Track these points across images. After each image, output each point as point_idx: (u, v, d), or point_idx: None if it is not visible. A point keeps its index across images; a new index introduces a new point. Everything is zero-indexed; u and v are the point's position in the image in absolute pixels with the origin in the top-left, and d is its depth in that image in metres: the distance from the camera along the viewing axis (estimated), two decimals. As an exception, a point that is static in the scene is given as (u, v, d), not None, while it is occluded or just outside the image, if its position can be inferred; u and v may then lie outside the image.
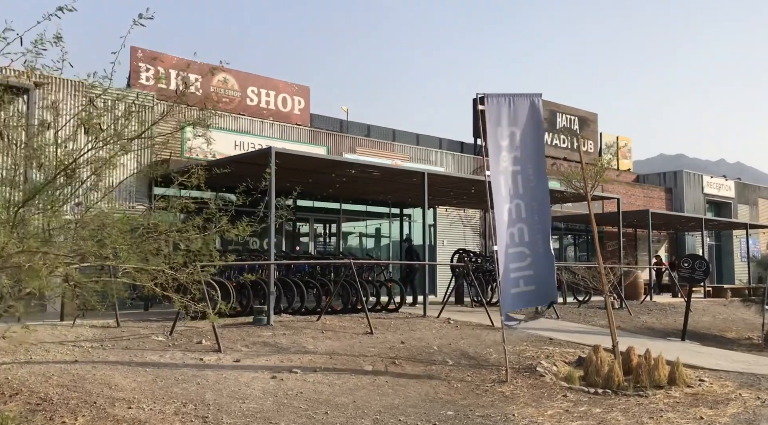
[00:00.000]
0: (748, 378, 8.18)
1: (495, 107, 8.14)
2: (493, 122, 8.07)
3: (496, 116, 8.12)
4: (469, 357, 8.70)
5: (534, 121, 8.33)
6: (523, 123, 8.27)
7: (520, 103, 8.31)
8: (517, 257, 8.16)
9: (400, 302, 12.67)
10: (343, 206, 17.40)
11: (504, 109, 8.21)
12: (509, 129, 8.21)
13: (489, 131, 8.07)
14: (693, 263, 11.58)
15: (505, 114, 8.20)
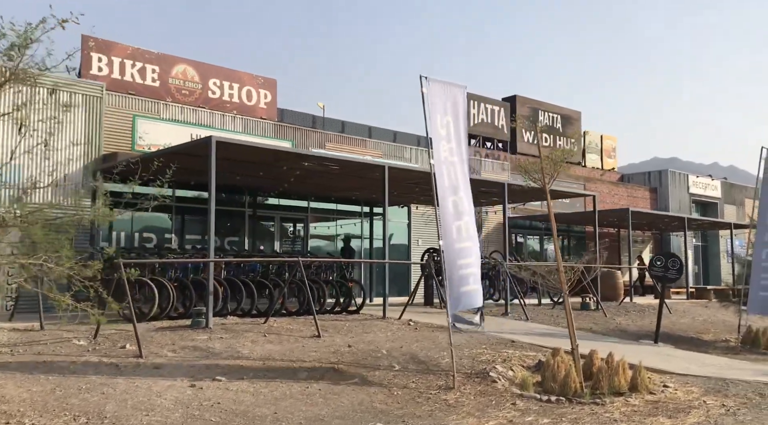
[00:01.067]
0: (715, 384, 7.58)
1: (436, 92, 7.56)
2: (434, 107, 7.49)
3: (437, 101, 7.54)
4: (419, 362, 8.07)
5: (463, 112, 7.84)
6: (456, 113, 7.75)
7: (454, 92, 7.76)
8: (465, 252, 7.56)
9: (362, 303, 12.04)
10: (311, 205, 16.76)
11: (444, 96, 7.64)
12: (446, 117, 7.65)
13: (431, 116, 7.47)
14: (666, 262, 10.98)
15: (444, 101, 7.64)
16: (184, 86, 15.24)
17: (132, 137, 13.17)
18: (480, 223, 21.53)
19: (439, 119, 7.66)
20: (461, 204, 7.78)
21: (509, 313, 13.52)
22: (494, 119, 25.21)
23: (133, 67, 14.41)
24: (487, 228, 21.77)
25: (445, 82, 7.79)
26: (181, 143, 9.90)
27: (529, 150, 26.42)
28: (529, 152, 26.47)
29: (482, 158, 22.58)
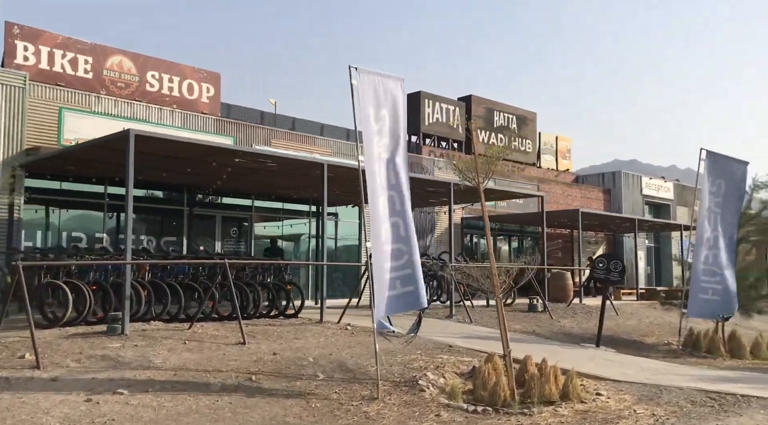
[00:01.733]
0: (650, 390, 7.36)
1: (368, 84, 7.14)
2: (365, 100, 7.07)
3: (369, 94, 7.12)
4: (347, 370, 7.67)
5: (402, 107, 7.45)
6: (392, 107, 7.35)
7: (390, 85, 7.36)
8: (394, 254, 7.18)
9: (301, 306, 11.57)
10: (255, 203, 16.21)
11: (378, 88, 7.23)
12: (381, 111, 7.23)
13: (362, 110, 7.06)
14: (608, 264, 10.82)
15: (378, 94, 7.22)
16: (120, 79, 14.53)
17: (58, 130, 12.44)
18: (433, 223, 21.28)
19: (372, 113, 7.24)
20: (393, 204, 7.38)
21: (453, 316, 13.24)
22: (449, 119, 24.98)
23: (64, 57, 13.65)
24: (440, 229, 21.52)
25: (378, 74, 7.37)
26: (98, 137, 9.28)
27: (485, 150, 26.29)
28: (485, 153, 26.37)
29: (437, 157, 22.32)
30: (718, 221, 10.32)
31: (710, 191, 10.26)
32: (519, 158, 27.80)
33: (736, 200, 10.71)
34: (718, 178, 10.40)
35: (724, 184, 10.43)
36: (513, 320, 13.51)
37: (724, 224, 10.37)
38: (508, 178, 24.72)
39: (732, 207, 10.53)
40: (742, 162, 11.01)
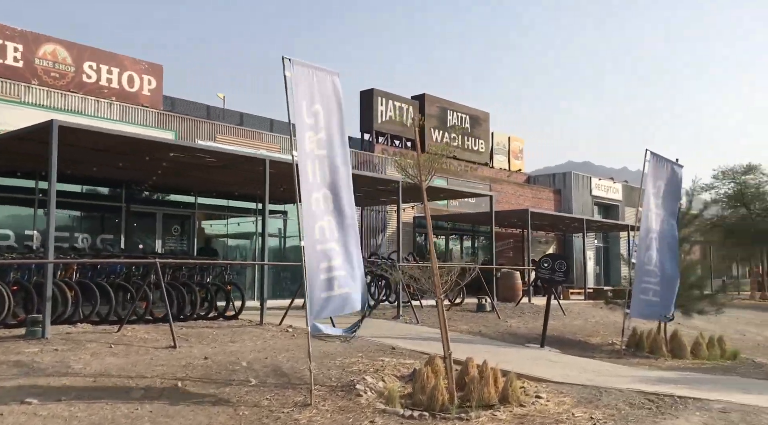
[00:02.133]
0: (590, 392, 7.27)
1: (302, 76, 6.84)
2: (299, 93, 6.76)
3: (303, 87, 6.82)
4: (281, 375, 7.34)
5: (338, 102, 7.17)
6: (328, 102, 7.07)
7: (324, 79, 7.08)
8: (329, 254, 6.89)
9: (241, 307, 11.17)
10: (199, 200, 15.68)
11: (312, 81, 6.94)
12: (315, 106, 6.94)
13: (295, 103, 6.75)
14: (553, 264, 10.78)
15: (312, 87, 6.93)
16: (54, 68, 13.82)
17: (-19, 121, 11.74)
18: (385, 222, 21.07)
19: (306, 107, 6.94)
20: (328, 202, 7.09)
21: (401, 316, 13.04)
22: (403, 117, 24.82)
23: (-8, 44, 12.90)
24: (392, 228, 21.32)
25: (313, 67, 7.08)
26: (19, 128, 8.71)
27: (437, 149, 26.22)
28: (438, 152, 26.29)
29: (390, 155, 22.12)
30: (659, 221, 10.40)
31: (651, 191, 10.33)
32: (472, 157, 27.87)
33: (674, 201, 10.83)
34: (658, 179, 10.48)
35: (664, 185, 10.52)
36: (461, 320, 13.41)
37: (665, 225, 10.45)
38: (460, 177, 24.73)
39: (671, 208, 10.64)
40: (679, 165, 11.14)
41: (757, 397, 7.04)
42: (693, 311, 11.67)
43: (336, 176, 7.10)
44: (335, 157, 7.14)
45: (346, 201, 7.23)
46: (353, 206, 7.38)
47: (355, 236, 7.31)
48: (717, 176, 30.08)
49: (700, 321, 14.19)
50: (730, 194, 29.77)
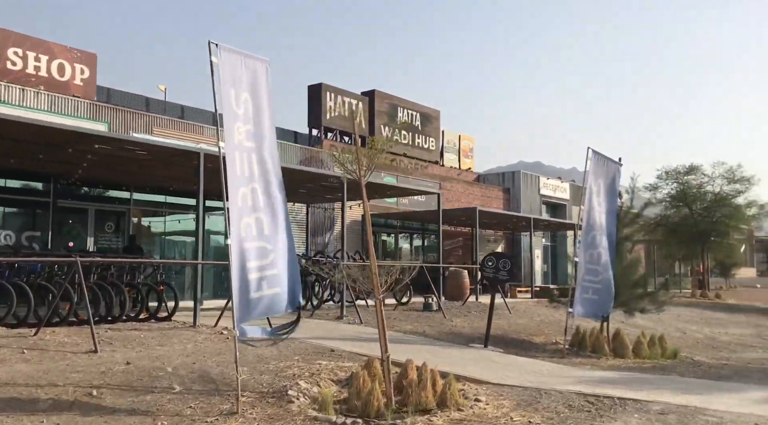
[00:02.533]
0: (530, 395, 7.10)
1: (230, 63, 6.42)
2: (226, 81, 6.35)
3: (229, 74, 6.40)
4: (209, 380, 6.91)
5: (267, 91, 6.80)
6: (258, 92, 6.68)
7: (254, 67, 6.68)
8: (257, 253, 6.49)
9: (174, 308, 10.64)
10: (135, 196, 14.98)
11: (240, 69, 6.52)
12: (243, 95, 6.54)
13: (223, 92, 6.33)
14: (497, 263, 10.63)
15: (240, 75, 6.52)
16: (-26, 53, 12.94)
17: None
18: (332, 220, 20.68)
19: (234, 96, 6.52)
20: (257, 197, 6.66)
21: (344, 317, 12.70)
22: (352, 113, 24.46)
23: None
24: (340, 225, 20.96)
25: (242, 54, 6.67)
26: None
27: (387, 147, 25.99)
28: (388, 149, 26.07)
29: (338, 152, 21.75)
30: (599, 220, 10.38)
31: (593, 190, 10.30)
32: (422, 155, 27.75)
33: (613, 199, 10.84)
34: (599, 177, 10.46)
35: (603, 183, 10.51)
36: (406, 320, 13.17)
37: (604, 223, 10.44)
38: (410, 175, 24.55)
39: (609, 207, 10.64)
40: (617, 163, 11.15)
41: (695, 397, 7.00)
42: (635, 310, 11.73)
43: (265, 169, 6.71)
44: (264, 150, 6.75)
45: (277, 197, 6.84)
46: (284, 202, 6.99)
47: (287, 233, 6.92)
48: (660, 177, 30.81)
49: (643, 319, 14.35)
50: (672, 194, 30.53)
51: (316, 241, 19.34)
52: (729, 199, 29.57)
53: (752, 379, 8.94)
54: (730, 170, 29.65)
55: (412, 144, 27.27)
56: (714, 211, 29.35)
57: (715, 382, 8.41)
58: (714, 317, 20.08)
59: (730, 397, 7.13)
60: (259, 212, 6.53)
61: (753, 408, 6.53)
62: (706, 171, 30.11)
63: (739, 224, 31.22)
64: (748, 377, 9.18)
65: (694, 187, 30.15)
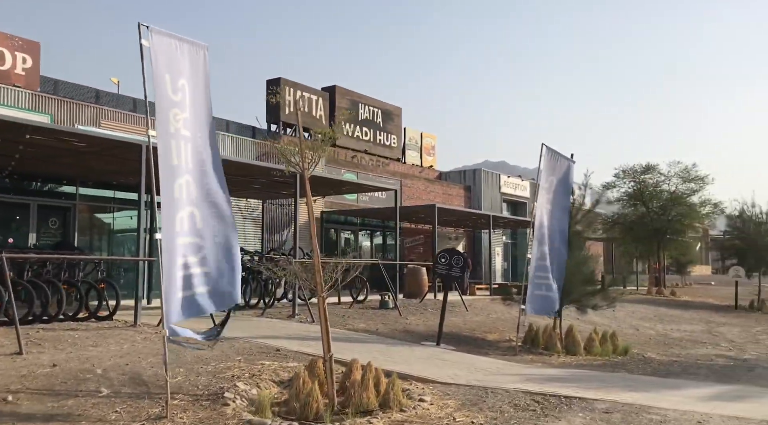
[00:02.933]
0: (476, 394, 6.94)
1: (164, 47, 6.08)
2: (160, 66, 6.01)
3: (165, 59, 6.07)
4: (141, 383, 6.56)
5: (205, 78, 6.48)
6: (195, 78, 6.35)
7: (191, 52, 6.35)
8: (189, 249, 6.17)
9: (116, 307, 10.21)
10: (81, 191, 14.42)
11: (176, 53, 6.19)
12: (180, 81, 6.21)
13: (157, 77, 6.00)
14: (450, 259, 10.48)
15: (177, 60, 6.19)
16: None
17: None
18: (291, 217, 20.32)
19: (170, 81, 6.17)
20: (191, 190, 6.33)
21: (296, 315, 12.41)
22: (312, 109, 24.11)
23: None
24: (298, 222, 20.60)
25: (177, 38, 6.31)
26: None
27: (348, 143, 25.72)
28: (349, 145, 25.80)
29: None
30: (549, 216, 10.32)
31: (544, 187, 10.23)
32: (384, 152, 27.55)
33: (566, 196, 10.80)
34: (551, 174, 10.40)
35: (556, 180, 10.45)
36: (360, 318, 12.94)
37: (555, 220, 10.39)
38: (371, 172, 24.33)
39: (561, 203, 10.60)
40: (569, 159, 11.12)
41: (641, 395, 6.94)
42: (587, 307, 11.73)
43: (203, 160, 6.39)
44: (202, 138, 6.44)
45: (216, 189, 6.53)
46: (225, 195, 6.67)
47: (227, 227, 6.60)
48: (618, 175, 31.21)
49: (598, 316, 14.40)
50: (630, 192, 30.95)
51: (273, 238, 18.97)
52: (684, 198, 30.13)
53: (699, 376, 8.98)
54: (685, 170, 30.20)
55: (373, 141, 27.05)
56: (670, 209, 29.86)
57: (663, 379, 8.40)
58: (668, 314, 20.36)
59: (675, 395, 7.10)
60: (193, 205, 6.22)
61: (697, 405, 6.49)
62: (662, 170, 30.63)
63: (694, 222, 31.85)
64: (696, 374, 9.22)
65: (650, 186, 30.63)
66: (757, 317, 22.13)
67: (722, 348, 14.16)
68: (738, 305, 24.05)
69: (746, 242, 26.03)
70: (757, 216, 26.15)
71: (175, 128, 6.19)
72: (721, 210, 30.48)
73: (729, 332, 17.37)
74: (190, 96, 6.32)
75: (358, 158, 25.75)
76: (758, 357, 12.53)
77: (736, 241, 27.31)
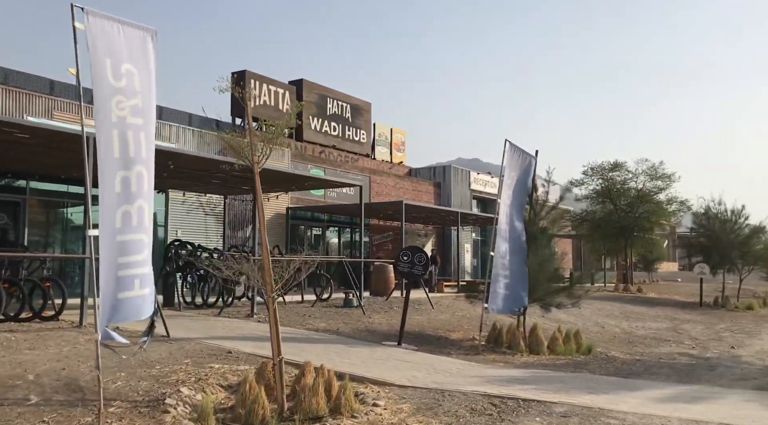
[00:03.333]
0: (433, 397, 6.69)
1: (102, 30, 5.67)
2: (101, 50, 5.61)
3: (104, 43, 5.66)
4: (76, 389, 6.16)
5: (154, 63, 6.08)
6: (142, 63, 5.96)
7: (138, 37, 5.96)
8: (131, 247, 5.80)
9: (62, 306, 9.74)
10: (32, 185, 13.82)
11: (116, 37, 5.79)
12: (125, 66, 5.81)
13: (96, 62, 5.59)
14: (413, 257, 10.22)
15: (118, 44, 5.79)
16: None
17: None
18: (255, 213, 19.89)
19: (111, 67, 5.75)
20: (142, 182, 5.95)
21: (255, 315, 12.04)
22: (278, 103, 23.64)
23: None
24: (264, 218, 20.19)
25: (119, 20, 5.89)
26: None
27: (316, 138, 25.32)
28: (317, 141, 25.41)
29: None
30: (512, 213, 10.13)
31: (506, 183, 10.04)
32: (353, 148, 27.21)
33: (524, 192, 10.64)
34: (513, 170, 10.21)
35: (517, 176, 10.27)
36: (322, 317, 12.62)
37: (516, 216, 10.21)
38: (339, 168, 23.98)
39: (521, 199, 10.43)
40: (531, 155, 10.94)
41: (601, 397, 6.76)
42: (551, 305, 11.58)
43: (151, 150, 6.01)
44: (150, 129, 6.05)
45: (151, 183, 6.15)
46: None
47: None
48: (587, 173, 31.36)
49: (564, 313, 14.30)
50: (598, 189, 31.11)
51: (237, 235, 18.52)
52: (651, 195, 30.39)
53: (661, 376, 8.87)
54: (652, 167, 30.46)
55: (342, 136, 26.69)
56: (637, 207, 30.10)
57: (624, 380, 8.26)
58: (634, 311, 20.44)
59: (636, 396, 6.94)
60: (142, 199, 5.83)
61: (656, 407, 6.33)
62: (630, 168, 30.84)
63: (661, 219, 32.17)
64: (658, 373, 9.12)
65: (618, 183, 30.83)
66: (720, 314, 22.38)
67: (685, 345, 14.19)
68: (703, 302, 24.30)
69: (711, 240, 26.32)
70: (723, 214, 26.46)
71: (119, 116, 5.78)
72: (688, 208, 30.83)
73: (693, 329, 17.47)
74: (141, 82, 5.92)
75: (326, 154, 25.38)
76: (720, 355, 12.55)
77: (702, 238, 27.60)
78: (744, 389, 7.94)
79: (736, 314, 22.68)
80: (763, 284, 33.64)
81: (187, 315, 11.81)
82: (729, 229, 26.10)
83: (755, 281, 32.64)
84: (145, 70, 6.03)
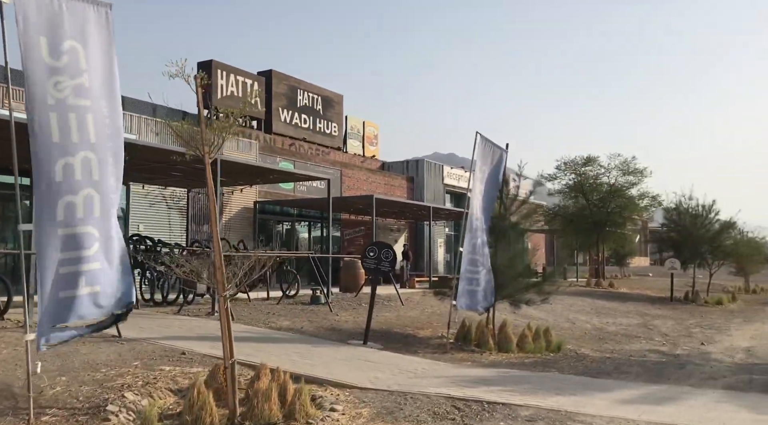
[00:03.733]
0: (395, 400, 6.37)
1: (35, 4, 5.20)
2: (33, 27, 5.13)
3: (38, 18, 5.19)
4: (9, 396, 5.71)
5: (109, 41, 5.62)
6: (92, 41, 5.49)
7: (80, 10, 5.48)
8: (76, 241, 5.34)
9: (7, 305, 9.23)
10: (-16, 177, 13.17)
11: (55, 10, 5.31)
12: (67, 43, 5.34)
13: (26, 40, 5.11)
14: (379, 253, 9.89)
15: (57, 19, 5.31)
16: None
17: None
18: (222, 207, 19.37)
19: (47, 44, 5.26)
20: (91, 170, 5.46)
21: (216, 312, 11.59)
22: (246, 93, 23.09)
23: None
24: (230, 213, 19.70)
25: None
26: None
27: (286, 130, 24.83)
28: (287, 133, 24.92)
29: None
30: (480, 207, 9.87)
31: (477, 177, 9.77)
32: (324, 141, 26.78)
33: (495, 186, 10.39)
34: (484, 164, 9.95)
35: (488, 170, 10.02)
36: (287, 315, 12.23)
37: (486, 211, 9.95)
38: (309, 161, 23.54)
39: (492, 194, 10.18)
40: (503, 149, 10.68)
41: (568, 399, 6.51)
42: (521, 302, 11.35)
43: (104, 134, 5.51)
44: (106, 109, 5.57)
45: (113, 171, 5.66)
46: (120, 179, 5.82)
47: (115, 216, 5.78)
48: (560, 167, 31.35)
49: (535, 309, 14.09)
50: (571, 184, 31.13)
51: (202, 230, 18.00)
52: (623, 190, 30.48)
53: (630, 375, 8.68)
54: (625, 162, 30.56)
55: (313, 129, 26.23)
56: (609, 202, 30.17)
57: (593, 380, 8.04)
58: (605, 306, 20.39)
59: (604, 398, 6.71)
60: (91, 188, 5.36)
61: (625, 410, 6.10)
62: (602, 163, 30.90)
63: (633, 214, 32.32)
64: (627, 372, 8.93)
65: (590, 178, 30.87)
66: (691, 309, 22.49)
67: (656, 342, 14.11)
68: (673, 297, 24.42)
69: (682, 235, 26.47)
70: (694, 209, 26.62)
71: (58, 98, 5.29)
72: (659, 203, 31.01)
73: (663, 325, 17.45)
74: (89, 60, 5.44)
75: (296, 146, 24.91)
76: (690, 352, 12.47)
77: (673, 233, 27.76)
78: (714, 388, 7.78)
79: (706, 309, 22.81)
80: (732, 279, 34.08)
81: (144, 313, 11.33)
82: (699, 224, 26.28)
83: (724, 277, 33.04)
84: (97, 46, 5.54)
